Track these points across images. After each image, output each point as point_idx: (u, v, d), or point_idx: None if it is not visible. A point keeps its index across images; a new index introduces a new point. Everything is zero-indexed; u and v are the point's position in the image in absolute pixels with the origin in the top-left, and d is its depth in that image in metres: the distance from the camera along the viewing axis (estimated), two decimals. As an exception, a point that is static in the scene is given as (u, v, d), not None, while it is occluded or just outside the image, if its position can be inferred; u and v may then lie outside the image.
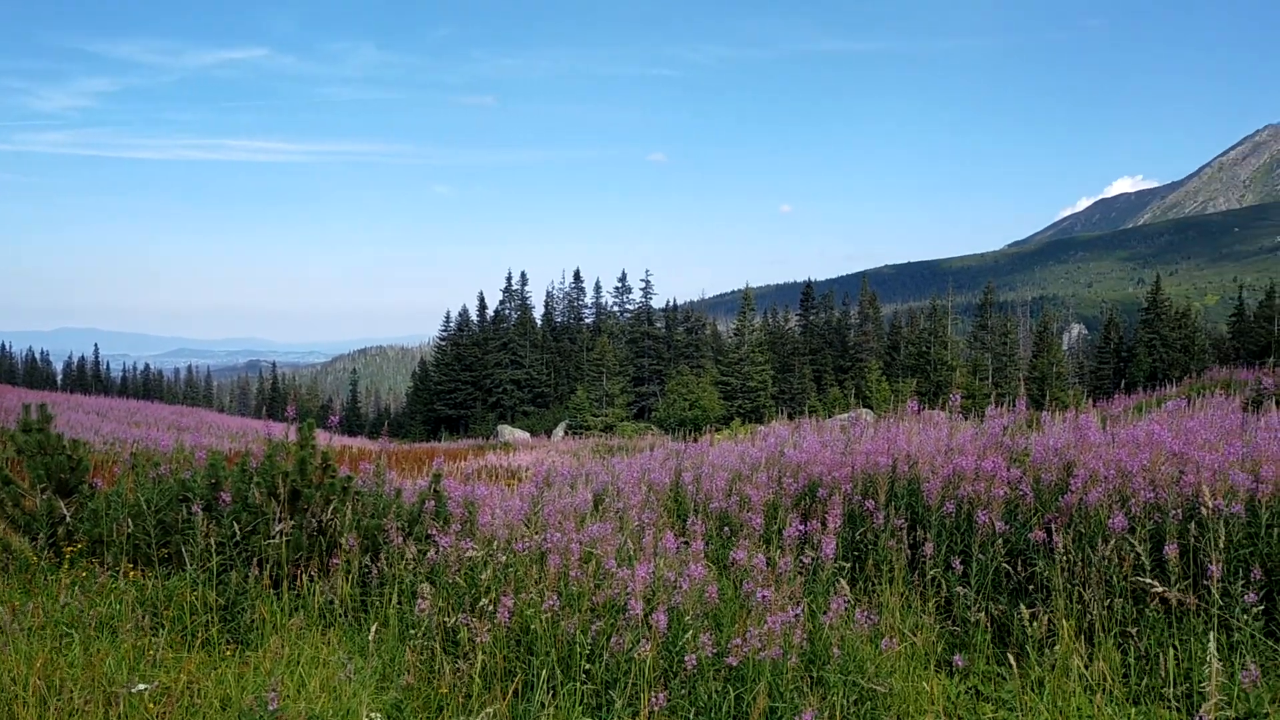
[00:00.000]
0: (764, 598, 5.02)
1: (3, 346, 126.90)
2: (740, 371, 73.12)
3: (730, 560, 6.06)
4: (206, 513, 6.76)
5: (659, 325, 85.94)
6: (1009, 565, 6.41)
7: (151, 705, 4.63)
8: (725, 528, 7.91)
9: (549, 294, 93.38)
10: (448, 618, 5.37)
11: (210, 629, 5.82)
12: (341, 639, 5.84)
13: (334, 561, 6.52)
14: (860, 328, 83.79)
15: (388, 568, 6.39)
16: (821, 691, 4.91)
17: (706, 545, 7.48)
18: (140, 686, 4.79)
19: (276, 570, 6.56)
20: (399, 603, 6.02)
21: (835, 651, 4.98)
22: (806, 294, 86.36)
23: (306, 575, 6.52)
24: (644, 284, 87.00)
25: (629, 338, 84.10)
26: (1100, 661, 4.72)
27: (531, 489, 8.50)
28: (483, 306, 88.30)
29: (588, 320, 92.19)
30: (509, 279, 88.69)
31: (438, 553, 6.26)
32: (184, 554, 6.57)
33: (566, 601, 5.37)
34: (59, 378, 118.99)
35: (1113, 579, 5.73)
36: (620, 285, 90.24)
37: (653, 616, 4.87)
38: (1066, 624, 5.37)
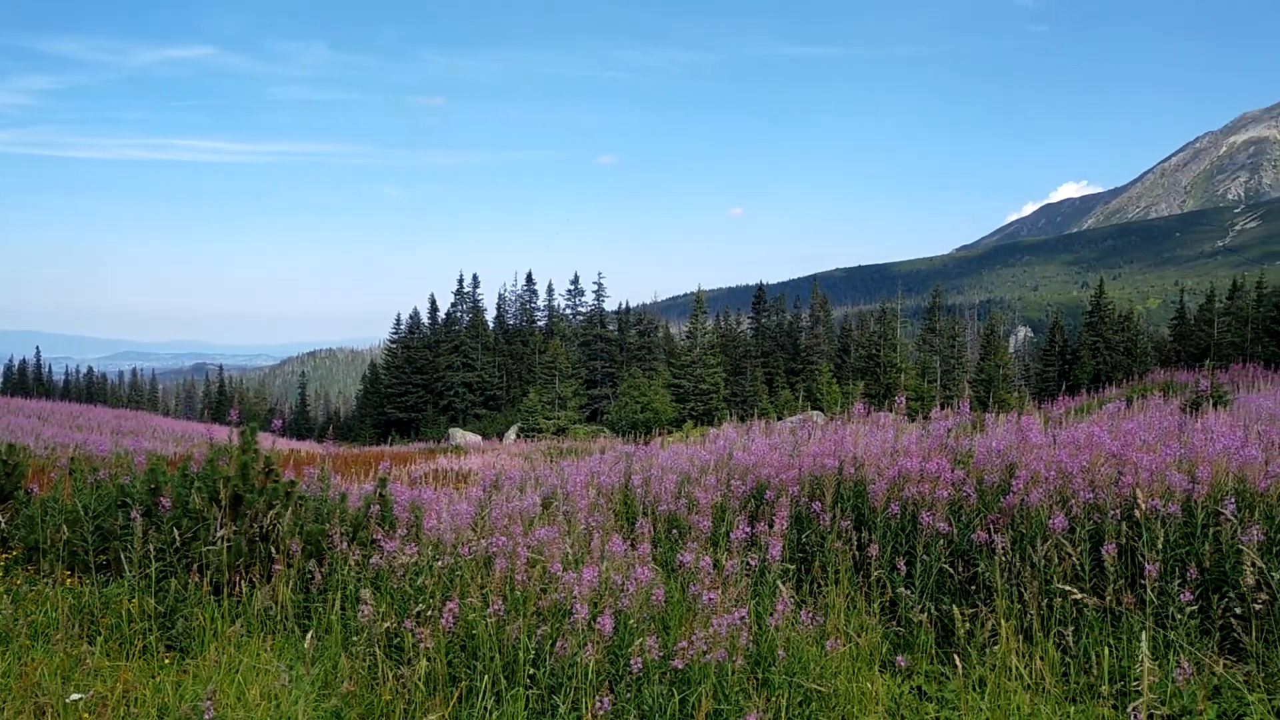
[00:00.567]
0: (710, 600, 5.03)
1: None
2: (693, 374, 73.30)
3: (677, 563, 6.07)
4: (146, 518, 6.64)
5: (612, 328, 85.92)
6: (952, 566, 6.49)
7: (86, 715, 4.54)
8: (674, 530, 7.91)
9: (501, 296, 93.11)
10: (391, 623, 5.32)
11: (148, 637, 5.72)
12: (284, 646, 5.76)
13: (276, 567, 6.43)
14: (811, 330, 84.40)
15: (331, 573, 6.32)
16: (767, 693, 4.93)
17: (655, 548, 7.48)
18: (75, 696, 4.69)
19: (218, 577, 6.45)
20: (342, 609, 5.95)
21: (780, 653, 5.00)
22: (758, 297, 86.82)
23: (248, 582, 6.43)
24: (596, 286, 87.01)
25: (581, 340, 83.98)
26: (1037, 660, 4.79)
27: (478, 493, 8.45)
28: (434, 309, 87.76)
29: (540, 323, 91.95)
30: (460, 281, 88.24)
31: (383, 558, 6.19)
32: (123, 560, 6.45)
33: (512, 606, 5.34)
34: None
35: (1052, 579, 5.81)
36: (573, 288, 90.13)
37: (599, 620, 4.86)
38: (1006, 624, 5.43)
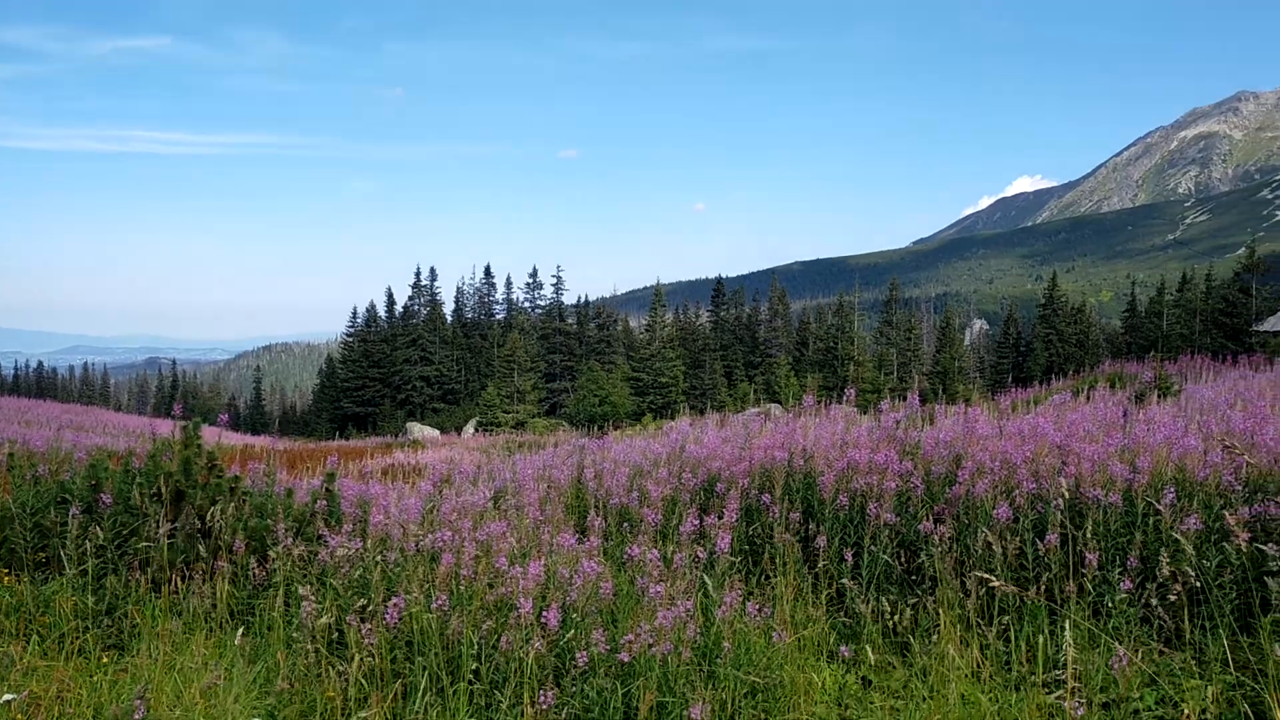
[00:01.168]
0: (656, 593, 5.02)
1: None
2: (652, 367, 73.36)
3: (625, 556, 6.05)
4: (87, 515, 6.52)
5: (571, 321, 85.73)
6: (899, 556, 6.53)
7: (19, 716, 4.45)
8: (625, 524, 7.90)
9: (459, 290, 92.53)
10: (332, 619, 5.26)
11: (86, 635, 5.61)
12: (225, 644, 5.68)
13: (219, 564, 6.34)
14: (770, 324, 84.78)
15: (276, 569, 6.23)
16: (713, 685, 4.93)
17: (606, 542, 7.47)
18: (7, 697, 4.59)
19: (159, 574, 6.35)
20: (286, 605, 5.88)
21: (726, 645, 5.00)
22: (717, 290, 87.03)
23: (190, 579, 6.33)
24: (556, 280, 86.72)
25: (541, 334, 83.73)
26: (974, 650, 4.83)
27: (428, 487, 8.39)
28: (391, 302, 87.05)
29: (499, 316, 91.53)
30: (418, 274, 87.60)
31: (328, 554, 6.12)
32: (62, 558, 6.33)
33: (457, 601, 5.30)
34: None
35: (996, 569, 5.87)
36: (532, 281, 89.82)
37: (545, 614, 4.84)
38: (946, 614, 5.48)
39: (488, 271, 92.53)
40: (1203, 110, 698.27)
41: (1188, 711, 4.25)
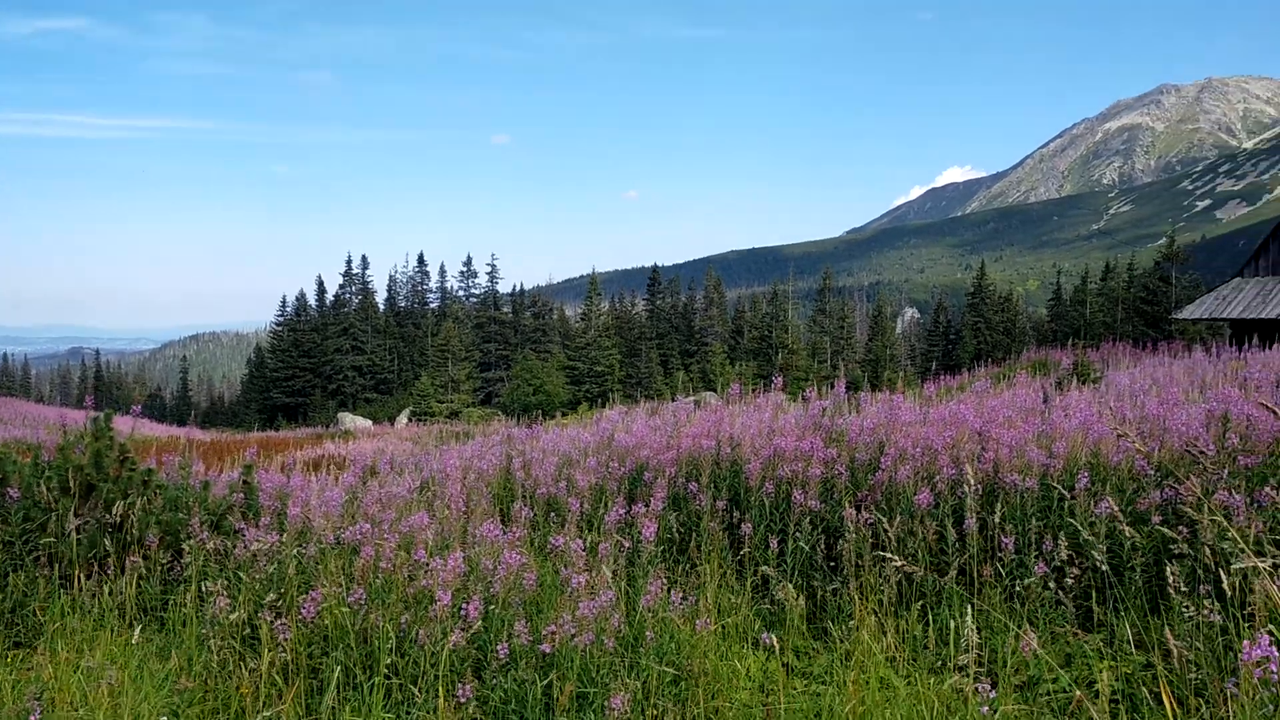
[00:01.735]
0: (579, 583, 4.98)
1: None
2: (588, 356, 73.26)
3: (550, 546, 6.01)
4: (-9, 510, 6.30)
5: (506, 310, 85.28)
6: (824, 543, 6.57)
7: (-85, 721, 4.28)
8: (553, 513, 7.85)
9: (392, 278, 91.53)
10: (243, 614, 5.14)
11: (-10, 635, 5.43)
12: (139, 640, 5.53)
13: (132, 560, 6.17)
14: (705, 312, 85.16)
15: (190, 564, 6.08)
16: (636, 674, 4.92)
17: (534, 532, 7.41)
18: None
19: (69, 570, 6.16)
20: (201, 600, 5.74)
21: (649, 634, 4.99)
22: (653, 279, 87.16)
23: (102, 574, 6.15)
24: (490, 268, 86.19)
25: (475, 323, 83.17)
26: (890, 635, 4.88)
27: (351, 479, 8.26)
28: (321, 291, 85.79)
29: (432, 305, 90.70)
30: (349, 263, 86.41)
31: (245, 548, 5.99)
32: (-35, 556, 6.10)
33: (376, 594, 5.22)
34: None
35: (919, 554, 5.93)
36: (466, 269, 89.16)
37: (465, 606, 4.78)
38: (868, 599, 5.53)
39: (421, 260, 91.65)
40: (1126, 103, 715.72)
41: (1099, 690, 4.33)
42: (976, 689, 3.36)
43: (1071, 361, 15.86)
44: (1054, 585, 5.40)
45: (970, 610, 3.22)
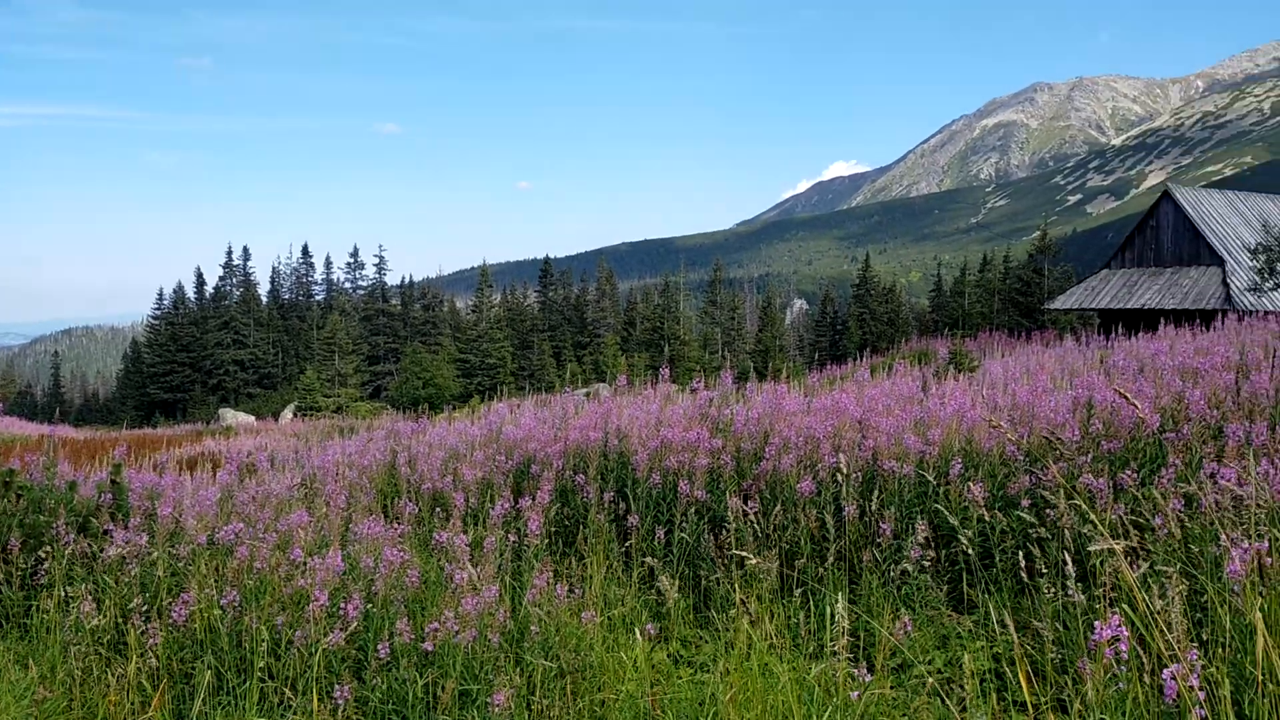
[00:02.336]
0: (462, 579, 4.92)
1: None
2: (479, 348, 72.54)
3: (434, 542, 5.92)
4: None
5: (395, 302, 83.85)
6: (710, 532, 6.63)
7: None
8: (439, 509, 7.75)
9: (275, 270, 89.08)
10: (108, 620, 4.94)
11: None
12: (-4, 651, 5.26)
13: (-10, 565, 5.87)
14: (598, 304, 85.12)
15: (53, 569, 5.81)
16: (521, 669, 4.88)
17: (419, 528, 7.30)
18: None
19: (-81, 579, 5.83)
20: (66, 606, 5.49)
21: (533, 629, 4.96)
22: (545, 271, 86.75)
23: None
24: (378, 260, 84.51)
25: (363, 315, 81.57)
26: (768, 622, 4.95)
27: (227, 477, 8.00)
28: (201, 283, 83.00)
29: (318, 297, 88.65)
30: (229, 254, 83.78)
31: (113, 550, 5.75)
32: None
33: (252, 595, 5.07)
34: None
35: (800, 541, 6.03)
36: (353, 261, 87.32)
37: (345, 606, 4.67)
38: (754, 587, 5.59)
39: (305, 251, 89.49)
40: (1002, 100, 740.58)
41: (970, 671, 4.46)
42: (852, 673, 3.43)
43: (946, 351, 16.34)
44: (929, 569, 5.54)
45: (842, 597, 3.28)
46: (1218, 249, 34.42)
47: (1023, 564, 4.44)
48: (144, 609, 4.97)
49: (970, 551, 4.77)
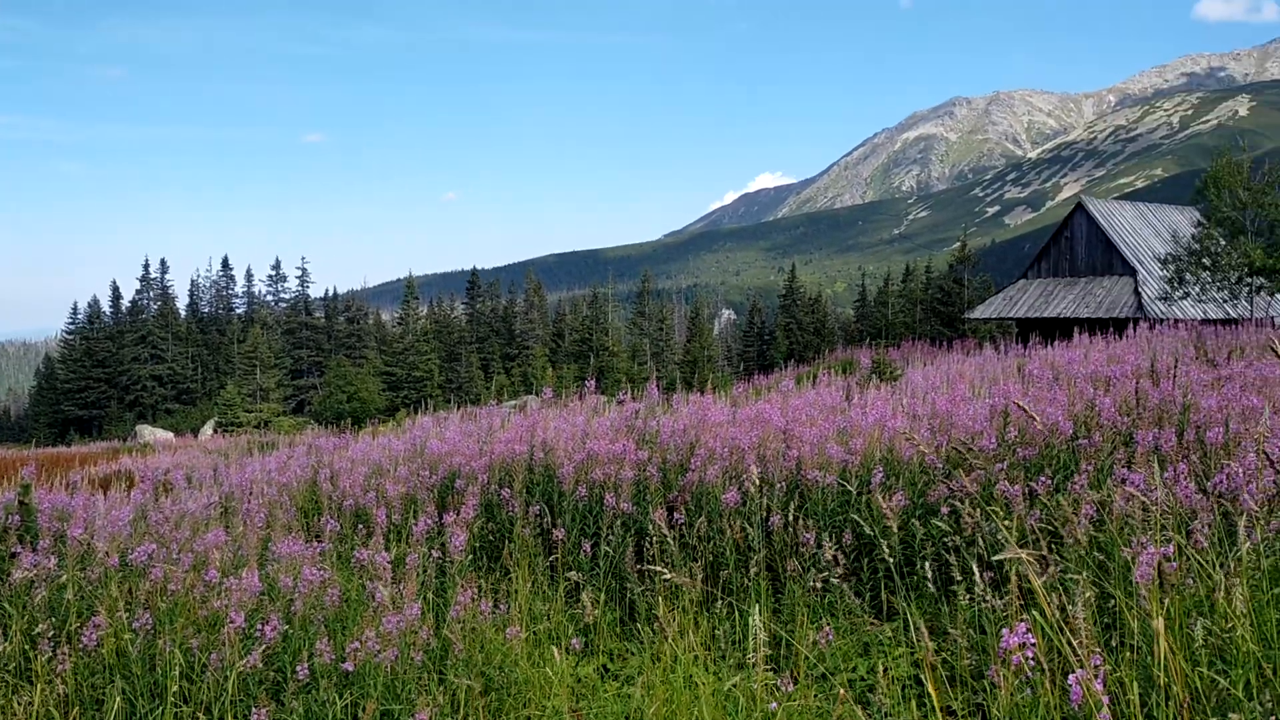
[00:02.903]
0: (383, 597, 4.85)
1: None
2: (405, 361, 71.72)
3: (355, 560, 5.83)
4: None
5: (319, 315, 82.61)
6: (636, 545, 6.62)
7: None
8: (361, 526, 7.63)
9: (194, 283, 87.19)
10: (23, 645, 4.77)
11: None
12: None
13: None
14: (526, 316, 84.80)
15: (-46, 596, 5.60)
16: (444, 687, 4.82)
17: (341, 545, 7.18)
18: None
19: None
20: (-32, 635, 5.28)
21: (457, 646, 4.90)
22: (472, 282, 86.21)
23: None
24: (301, 272, 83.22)
25: (285, 328, 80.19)
26: (692, 633, 4.96)
27: (140, 496, 7.79)
28: (117, 297, 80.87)
29: (239, 310, 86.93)
30: (147, 267, 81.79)
31: (19, 573, 5.55)
32: None
33: (165, 618, 4.93)
34: None
35: (726, 552, 6.05)
36: (275, 273, 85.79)
37: (263, 627, 4.57)
38: (670, 601, 5.60)
39: (225, 263, 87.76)
40: (922, 114, 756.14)
41: (892, 677, 4.52)
42: (776, 684, 3.45)
43: (868, 360, 16.59)
44: (852, 578, 5.61)
45: (760, 608, 3.30)
46: (1130, 259, 35.49)
47: (938, 572, 4.51)
48: (52, 634, 4.80)
49: (889, 560, 4.83)
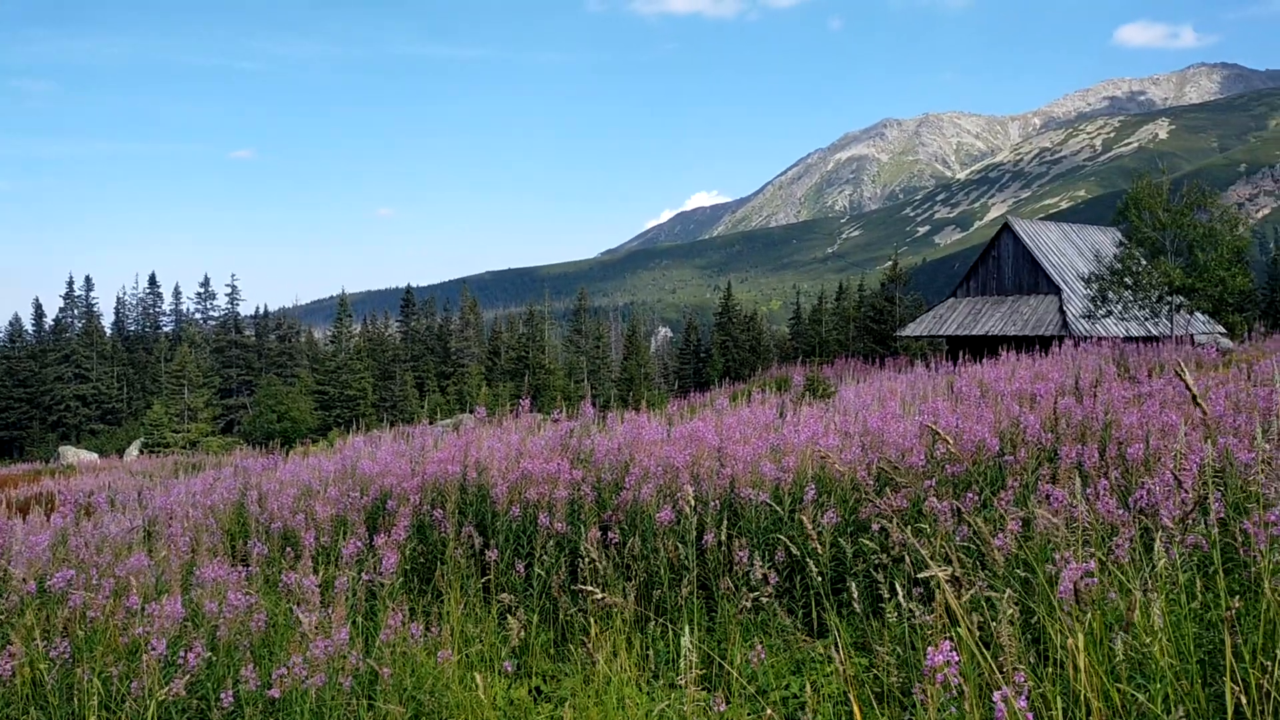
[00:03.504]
0: (310, 622, 4.75)
1: None
2: (338, 380, 70.76)
3: (282, 584, 5.72)
4: None
5: (249, 333, 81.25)
6: (570, 565, 6.59)
7: None
8: (290, 548, 7.48)
9: (120, 301, 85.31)
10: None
11: None
12: None
13: None
14: (462, 333, 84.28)
15: None
16: (375, 713, 4.74)
17: (269, 569, 7.04)
18: None
19: None
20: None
21: (386, 671, 4.82)
22: (407, 300, 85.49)
23: None
24: (230, 289, 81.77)
25: (214, 347, 78.73)
26: (622, 655, 4.95)
27: (60, 519, 7.57)
28: (39, 315, 78.76)
29: (166, 329, 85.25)
30: (71, 284, 79.90)
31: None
32: None
33: (84, 646, 4.79)
34: None
35: (660, 571, 6.05)
36: (203, 291, 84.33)
37: (184, 654, 4.46)
38: (603, 621, 5.58)
39: (153, 280, 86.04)
40: (854, 135, 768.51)
41: (824, 695, 4.55)
42: (708, 704, 3.44)
43: (804, 378, 16.75)
44: (784, 596, 5.63)
45: (690, 628, 3.30)
46: (1054, 278, 36.35)
47: (869, 589, 4.55)
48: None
49: (818, 579, 4.87)
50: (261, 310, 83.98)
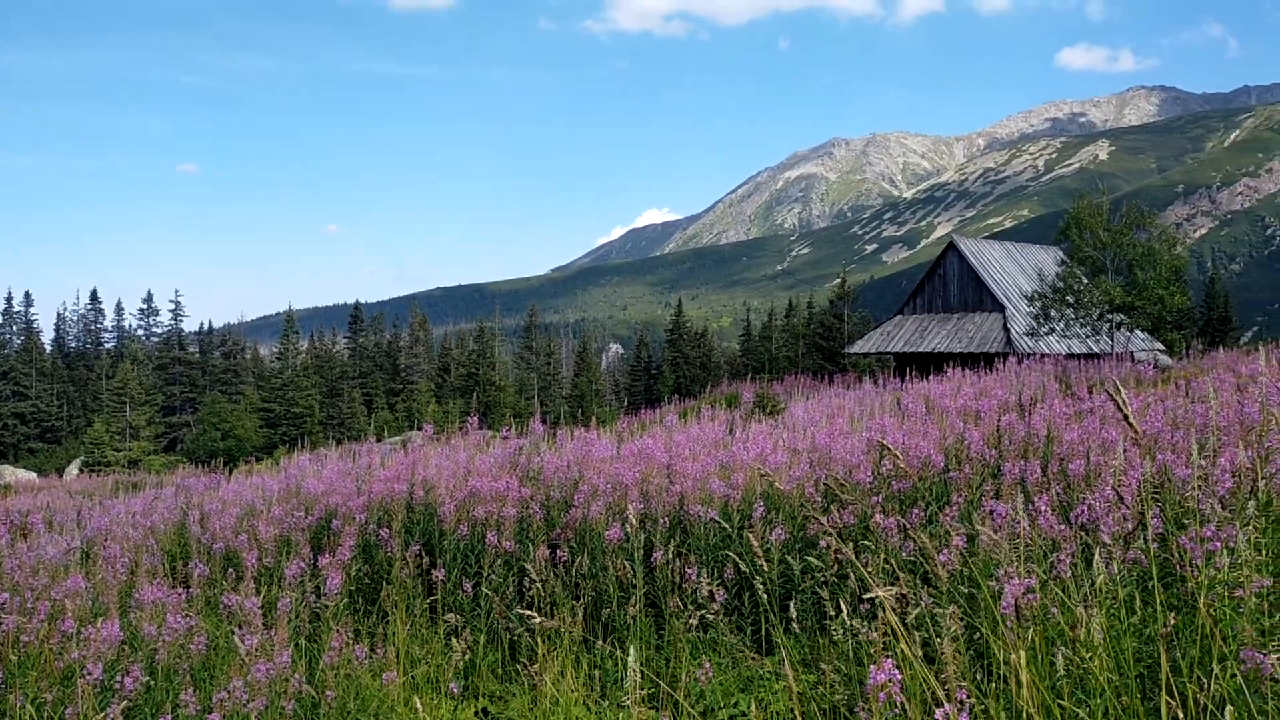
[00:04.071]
0: (252, 644, 4.67)
1: None
2: (284, 397, 69.81)
3: (223, 605, 5.61)
4: None
5: (192, 350, 79.98)
6: (518, 583, 6.54)
7: None
8: (232, 569, 7.35)
9: (60, 317, 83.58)
10: None
11: None
12: None
13: None
14: (411, 350, 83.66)
15: None
16: (319, 736, 4.67)
17: (211, 590, 6.91)
18: None
19: None
20: None
21: (329, 694, 4.75)
22: (355, 316, 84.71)
23: None
24: (174, 305, 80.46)
25: (157, 364, 77.34)
26: (569, 674, 4.92)
27: (-6, 542, 7.37)
28: (-25, 331, 76.91)
29: (108, 345, 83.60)
30: (9, 300, 78.19)
31: None
32: None
33: (17, 671, 4.66)
34: None
35: (608, 589, 6.03)
36: (146, 307, 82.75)
37: (121, 679, 4.36)
38: (550, 640, 5.55)
39: (94, 296, 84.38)
40: (803, 154, 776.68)
41: (772, 712, 4.56)
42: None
43: (754, 395, 16.84)
44: (733, 613, 5.64)
45: (635, 646, 3.29)
46: (999, 296, 36.93)
47: (816, 606, 4.57)
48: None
49: (763, 596, 4.88)
50: (206, 326, 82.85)
